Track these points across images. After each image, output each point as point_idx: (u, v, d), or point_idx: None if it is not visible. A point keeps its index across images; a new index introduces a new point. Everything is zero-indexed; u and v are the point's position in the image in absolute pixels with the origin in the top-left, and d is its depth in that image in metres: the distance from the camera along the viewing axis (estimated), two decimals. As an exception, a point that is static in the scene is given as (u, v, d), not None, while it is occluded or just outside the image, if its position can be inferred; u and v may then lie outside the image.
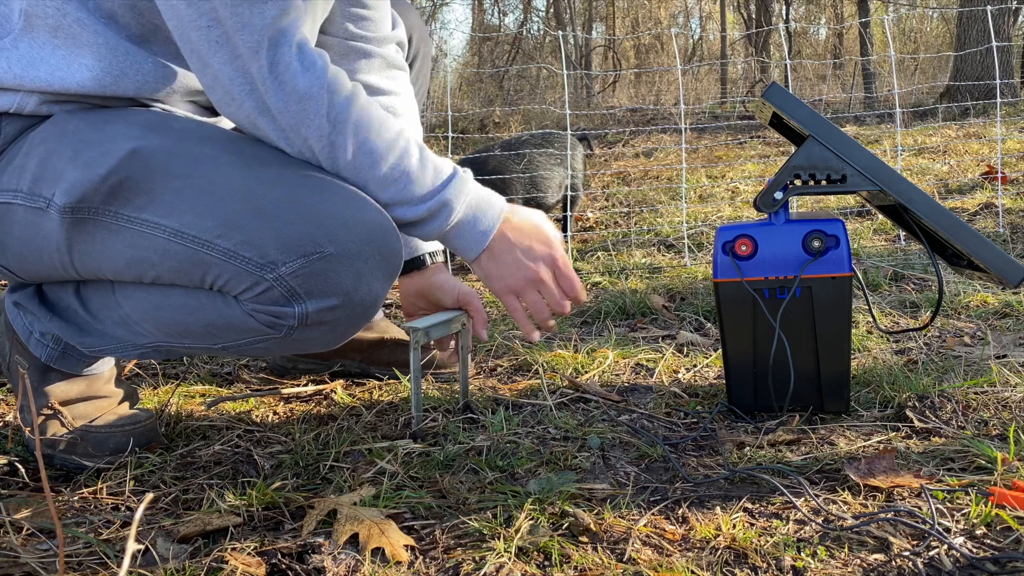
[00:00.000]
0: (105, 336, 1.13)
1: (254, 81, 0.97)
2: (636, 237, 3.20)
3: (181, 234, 0.98)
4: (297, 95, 0.98)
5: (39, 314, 1.16)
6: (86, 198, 0.99)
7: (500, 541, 0.91)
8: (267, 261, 0.96)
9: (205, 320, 1.04)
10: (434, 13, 14.98)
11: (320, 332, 1.03)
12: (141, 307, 1.07)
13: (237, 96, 0.99)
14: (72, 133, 1.03)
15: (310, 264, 0.96)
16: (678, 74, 3.31)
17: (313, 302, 0.98)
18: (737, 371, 1.30)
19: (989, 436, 1.18)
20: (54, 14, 1.02)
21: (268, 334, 1.03)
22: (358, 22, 1.36)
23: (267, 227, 0.96)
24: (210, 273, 0.98)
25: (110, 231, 1.01)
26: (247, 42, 0.96)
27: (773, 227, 1.25)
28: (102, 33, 1.03)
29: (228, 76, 0.98)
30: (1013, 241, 2.73)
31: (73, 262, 1.06)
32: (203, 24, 0.96)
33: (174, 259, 0.99)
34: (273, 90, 0.98)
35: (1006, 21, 7.89)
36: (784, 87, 1.23)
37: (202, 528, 0.95)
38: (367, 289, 1.01)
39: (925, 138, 5.47)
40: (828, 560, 0.87)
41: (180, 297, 1.04)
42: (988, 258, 1.16)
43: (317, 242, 0.96)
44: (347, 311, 1.01)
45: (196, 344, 1.09)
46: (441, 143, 6.22)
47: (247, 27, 0.95)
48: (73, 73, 1.04)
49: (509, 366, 1.67)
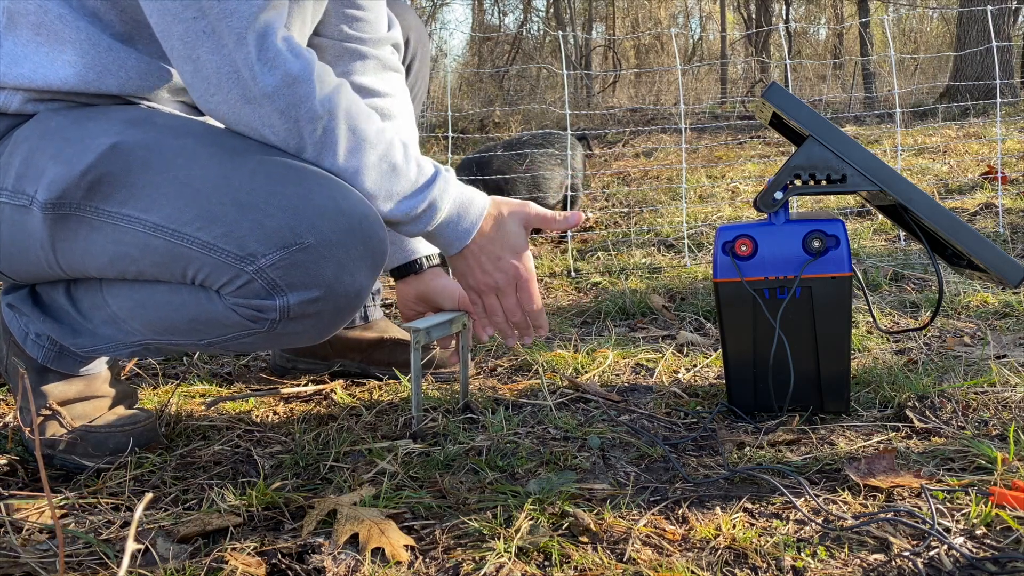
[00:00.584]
0: (95, 336, 1.13)
1: (239, 69, 0.96)
2: (636, 237, 3.20)
3: (161, 228, 0.97)
4: (289, 78, 0.97)
5: (33, 315, 1.16)
6: (66, 194, 0.99)
7: (500, 541, 0.91)
8: (246, 253, 0.95)
9: (189, 316, 1.03)
10: (434, 13, 14.98)
11: (305, 325, 1.02)
12: (127, 305, 1.07)
13: (223, 86, 0.97)
14: (54, 130, 1.03)
15: (290, 255, 0.95)
16: (678, 74, 3.31)
17: (295, 294, 0.98)
18: (737, 371, 1.30)
19: (989, 436, 1.18)
20: (36, 11, 1.02)
21: (252, 328, 1.02)
22: (353, 23, 1.35)
23: (246, 219, 0.95)
24: (191, 267, 0.98)
25: (92, 227, 1.00)
26: (233, 30, 0.94)
27: (773, 227, 1.25)
28: (84, 30, 1.03)
29: (214, 66, 0.96)
30: (1013, 241, 2.73)
31: (58, 260, 1.06)
32: (188, 16, 0.94)
33: (155, 253, 0.98)
34: (262, 74, 0.96)
35: (1006, 21, 7.89)
36: (784, 87, 1.23)
37: (202, 528, 0.95)
38: (350, 280, 1.00)
39: (925, 138, 5.47)
40: (828, 560, 0.87)
41: (164, 294, 1.03)
42: (988, 258, 1.16)
43: (297, 233, 0.95)
44: (330, 303, 1.00)
45: (183, 341, 1.08)
46: (441, 143, 6.22)
47: (233, 15, 0.94)
48: (56, 70, 1.03)
49: (509, 366, 1.67)
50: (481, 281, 1.20)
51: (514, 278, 1.19)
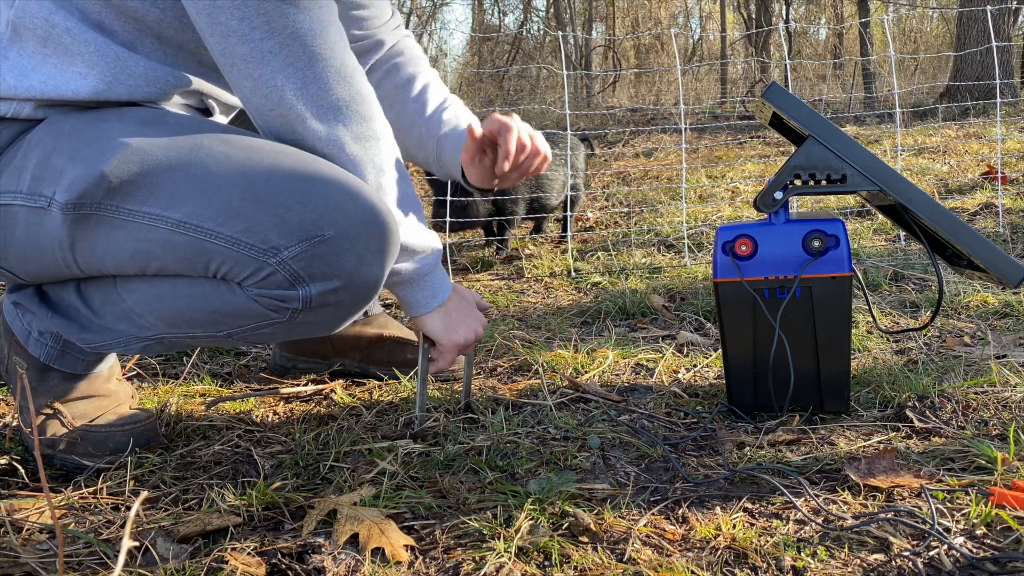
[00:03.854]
0: (106, 331, 1.14)
1: (309, 84, 1.02)
2: (636, 237, 3.20)
3: (183, 224, 0.99)
4: (361, 95, 1.06)
5: (39, 313, 1.16)
6: (87, 194, 1.00)
7: (500, 541, 0.91)
8: (269, 246, 0.98)
9: (210, 308, 1.05)
10: (434, 13, 14.98)
11: (324, 315, 1.05)
12: (145, 299, 1.08)
13: (286, 99, 1.02)
14: (69, 132, 1.04)
15: (312, 248, 0.98)
16: (678, 74, 3.31)
17: (317, 285, 1.00)
18: (737, 371, 1.30)
19: (989, 436, 1.18)
20: (42, 24, 1.03)
21: (273, 318, 1.04)
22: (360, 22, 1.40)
23: (267, 213, 0.98)
24: (214, 261, 1.00)
25: (113, 226, 1.02)
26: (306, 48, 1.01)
27: (773, 227, 1.25)
28: (92, 41, 1.04)
29: (280, 82, 1.01)
30: (1013, 241, 2.73)
31: (76, 259, 1.06)
32: (255, 37, 0.99)
33: (178, 249, 1.00)
34: (337, 86, 1.04)
35: (1006, 21, 7.88)
36: (784, 87, 1.23)
37: (202, 528, 0.95)
38: (368, 270, 1.03)
39: (925, 138, 5.47)
40: (828, 560, 0.87)
41: (184, 287, 1.05)
42: (988, 258, 1.16)
43: (318, 226, 0.98)
44: (350, 293, 1.03)
45: (201, 333, 1.10)
46: (441, 143, 6.20)
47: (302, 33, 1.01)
48: (67, 82, 1.05)
49: (509, 366, 1.67)
50: (466, 335, 1.27)
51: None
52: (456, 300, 1.25)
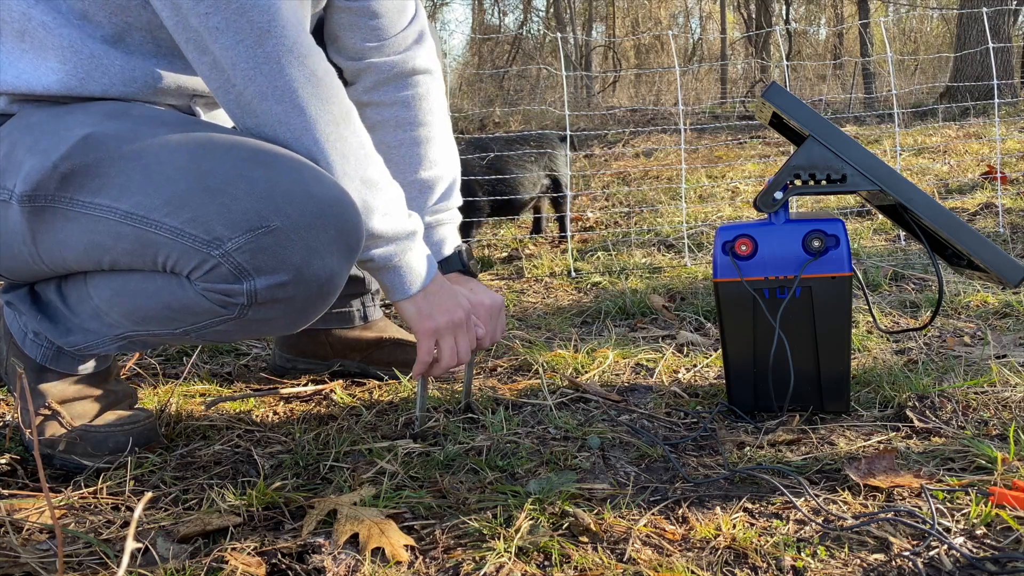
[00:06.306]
0: (83, 331, 1.13)
1: (260, 64, 0.97)
2: (636, 237, 3.20)
3: (131, 215, 0.97)
4: (317, 77, 1.01)
5: (30, 314, 1.16)
6: (41, 185, 0.99)
7: (500, 541, 0.91)
8: (213, 237, 0.94)
9: (162, 303, 1.03)
10: (434, 13, 14.98)
11: (276, 311, 1.00)
12: (106, 295, 1.07)
13: (239, 79, 0.97)
14: (35, 125, 1.04)
15: (256, 239, 0.94)
16: (678, 74, 3.31)
17: (262, 278, 0.96)
18: (737, 371, 1.30)
19: (989, 436, 1.18)
20: (20, 19, 1.03)
21: (223, 315, 1.00)
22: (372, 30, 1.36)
23: (213, 203, 0.94)
24: (161, 253, 0.97)
25: (67, 218, 1.01)
26: (257, 23, 0.96)
27: (773, 227, 1.25)
28: (67, 36, 1.03)
29: (230, 60, 0.96)
30: (1013, 241, 2.73)
31: (39, 253, 1.06)
32: (202, 11, 0.95)
33: (126, 241, 0.98)
34: (294, 66, 0.99)
35: (1006, 21, 7.89)
36: (784, 87, 1.23)
37: (202, 528, 0.95)
38: (320, 264, 0.98)
39: (925, 138, 5.47)
40: (828, 560, 0.87)
41: (138, 281, 1.03)
42: (988, 258, 1.16)
43: (263, 216, 0.94)
44: (300, 288, 0.98)
45: (159, 330, 1.08)
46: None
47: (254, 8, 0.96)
48: (39, 77, 1.04)
49: (509, 366, 1.67)
50: (448, 318, 1.19)
51: (468, 315, 1.20)
52: (439, 286, 1.17)
